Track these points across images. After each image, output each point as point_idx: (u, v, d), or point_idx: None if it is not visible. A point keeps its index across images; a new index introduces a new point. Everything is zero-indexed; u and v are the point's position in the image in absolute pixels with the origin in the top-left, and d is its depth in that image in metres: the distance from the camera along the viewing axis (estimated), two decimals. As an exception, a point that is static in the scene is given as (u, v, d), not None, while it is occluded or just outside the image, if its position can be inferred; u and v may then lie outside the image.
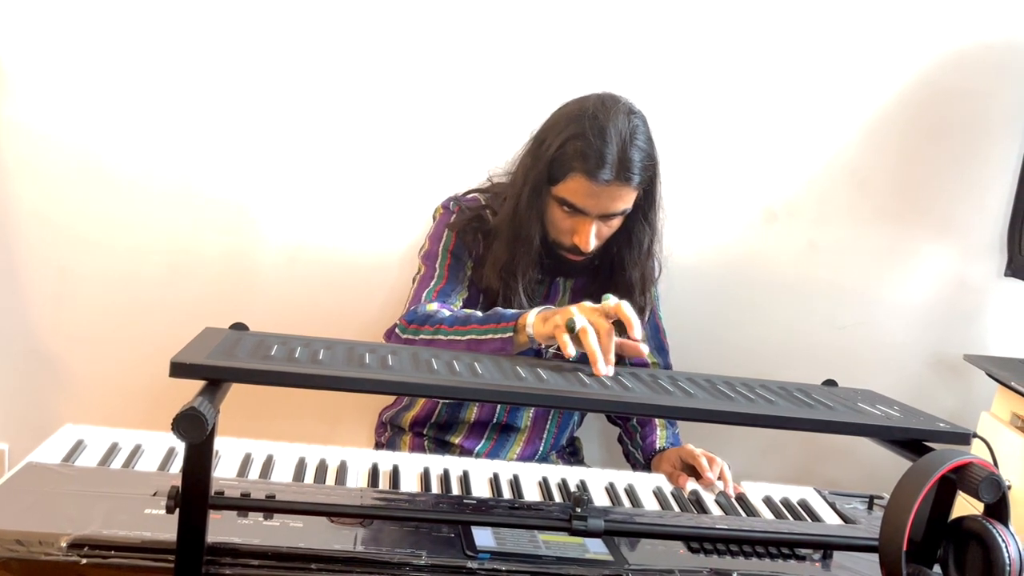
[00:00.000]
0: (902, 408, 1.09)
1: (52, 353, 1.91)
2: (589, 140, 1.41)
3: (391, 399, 1.75)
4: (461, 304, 1.55)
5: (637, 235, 1.55)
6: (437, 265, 1.57)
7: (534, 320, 1.30)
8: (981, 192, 1.98)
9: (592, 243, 1.48)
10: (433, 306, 1.49)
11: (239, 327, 1.07)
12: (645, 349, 1.21)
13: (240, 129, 1.83)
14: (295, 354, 0.94)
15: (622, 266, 1.57)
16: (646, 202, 1.52)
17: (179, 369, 0.84)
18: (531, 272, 1.53)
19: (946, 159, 1.96)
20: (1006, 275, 1.99)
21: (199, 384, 0.85)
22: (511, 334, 1.33)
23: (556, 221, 1.50)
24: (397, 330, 1.45)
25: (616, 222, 1.50)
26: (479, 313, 1.42)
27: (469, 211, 1.59)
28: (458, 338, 1.38)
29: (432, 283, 1.55)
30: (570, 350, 1.17)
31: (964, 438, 0.99)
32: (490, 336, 1.35)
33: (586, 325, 1.16)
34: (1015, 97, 1.93)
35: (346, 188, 1.87)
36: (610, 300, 1.19)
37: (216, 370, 0.86)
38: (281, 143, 1.84)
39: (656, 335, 1.69)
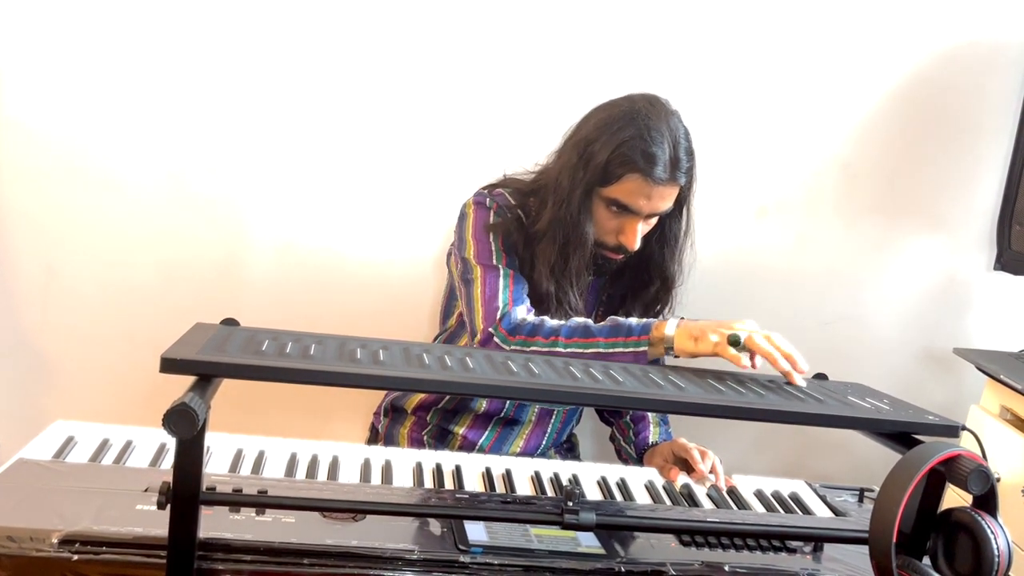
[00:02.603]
0: (892, 401, 1.09)
1: (42, 350, 1.90)
2: (646, 141, 1.42)
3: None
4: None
5: (674, 231, 1.56)
6: (495, 262, 1.51)
7: (676, 334, 1.30)
8: (970, 186, 1.99)
9: (639, 242, 1.49)
10: (523, 311, 1.45)
11: (230, 323, 1.07)
12: (803, 368, 1.20)
13: (229, 127, 1.82)
14: (286, 349, 0.94)
15: (660, 262, 1.58)
16: (685, 198, 1.54)
17: (169, 365, 0.84)
18: (585, 274, 1.52)
19: (936, 154, 1.97)
20: (995, 269, 2.00)
21: (190, 380, 0.85)
22: (645, 348, 1.31)
23: (602, 222, 1.50)
24: (497, 340, 1.41)
25: (655, 220, 1.52)
26: (592, 323, 1.39)
27: (508, 210, 1.55)
28: (580, 351, 1.35)
29: (502, 283, 1.49)
30: (744, 360, 1.21)
31: (953, 431, 1.00)
32: (619, 350, 1.33)
33: (753, 332, 1.20)
34: (1004, 92, 1.94)
35: (337, 186, 1.86)
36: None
37: (207, 365, 0.85)
38: (270, 141, 1.83)
39: None
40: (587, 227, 1.49)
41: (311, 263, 1.89)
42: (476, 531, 1.02)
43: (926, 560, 0.92)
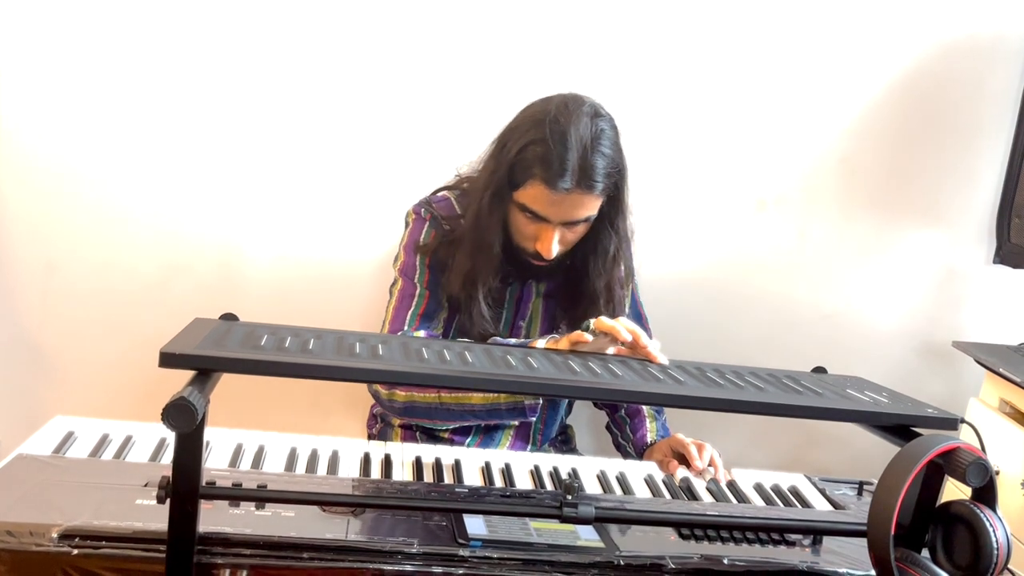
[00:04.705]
0: (891, 394, 1.09)
1: (42, 345, 1.90)
2: (549, 146, 1.34)
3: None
4: (443, 326, 1.52)
5: (603, 243, 1.49)
6: (416, 280, 1.51)
7: (546, 344, 1.30)
8: (970, 180, 1.98)
9: (555, 250, 1.43)
10: (420, 334, 1.45)
11: (229, 318, 1.07)
12: (645, 343, 1.22)
13: (228, 127, 1.82)
14: (285, 344, 0.94)
15: (587, 274, 1.51)
16: (612, 209, 1.46)
17: (169, 359, 0.84)
18: (491, 280, 1.48)
19: (935, 147, 1.97)
20: (994, 262, 2.00)
21: (189, 374, 0.85)
22: None
23: (519, 227, 1.45)
24: None
25: (582, 228, 1.45)
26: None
27: (443, 221, 1.53)
28: None
29: (414, 303, 1.49)
30: (587, 336, 1.22)
31: (952, 423, 1.00)
32: None
33: (598, 316, 1.22)
34: (1004, 86, 1.94)
35: (335, 186, 1.87)
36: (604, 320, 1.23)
37: (206, 360, 0.85)
38: (268, 142, 1.83)
39: (640, 324, 1.69)
40: (493, 232, 1.44)
41: (308, 262, 1.89)
42: (475, 525, 1.02)
43: (925, 553, 0.92)
